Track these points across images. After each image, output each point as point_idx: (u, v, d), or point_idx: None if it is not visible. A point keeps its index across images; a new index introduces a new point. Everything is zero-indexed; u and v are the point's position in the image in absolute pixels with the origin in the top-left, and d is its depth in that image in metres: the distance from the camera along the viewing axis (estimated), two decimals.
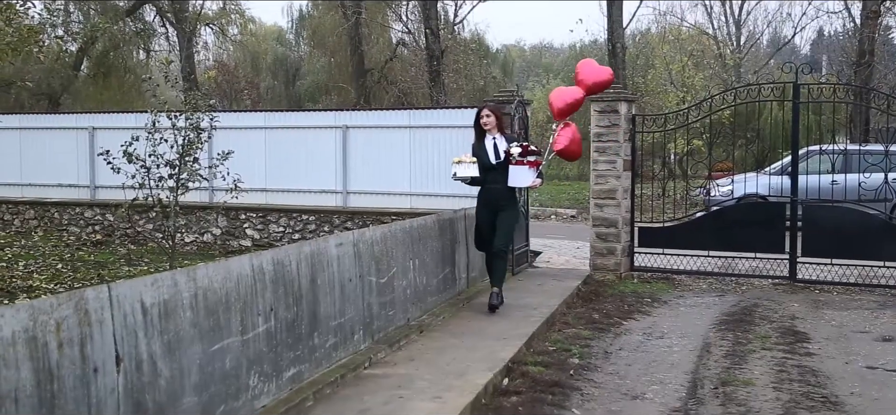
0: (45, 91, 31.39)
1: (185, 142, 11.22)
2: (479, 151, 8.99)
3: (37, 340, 3.71)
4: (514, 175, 8.87)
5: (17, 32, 10.63)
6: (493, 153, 8.96)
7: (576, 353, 7.84)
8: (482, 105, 9.24)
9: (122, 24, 33.80)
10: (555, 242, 16.10)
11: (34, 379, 3.68)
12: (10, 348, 3.56)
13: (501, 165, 8.90)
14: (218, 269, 5.10)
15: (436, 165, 13.81)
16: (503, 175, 8.90)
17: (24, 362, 3.63)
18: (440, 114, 14.49)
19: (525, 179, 8.90)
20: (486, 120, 9.02)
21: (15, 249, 14.08)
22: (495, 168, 8.91)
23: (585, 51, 41.29)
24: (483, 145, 9.03)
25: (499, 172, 8.91)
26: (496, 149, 8.97)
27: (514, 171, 8.85)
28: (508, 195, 9.06)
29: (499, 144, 8.99)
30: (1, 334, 3.53)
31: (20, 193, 17.37)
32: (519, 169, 8.84)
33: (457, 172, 8.82)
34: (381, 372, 6.63)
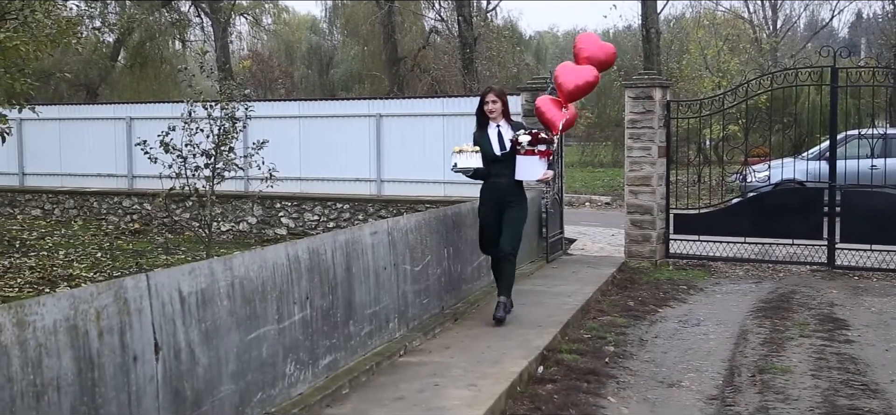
0: (84, 82, 31.78)
1: (221, 131, 11.32)
2: (481, 140, 7.95)
3: (78, 328, 3.77)
4: (521, 167, 7.82)
5: (57, 24, 10.77)
6: (497, 143, 7.90)
7: (611, 340, 7.81)
8: (486, 89, 8.21)
9: (158, 15, 34.11)
10: (589, 230, 16.03)
11: (75, 367, 3.73)
12: (51, 337, 3.62)
13: (507, 156, 7.84)
14: (254, 258, 5.14)
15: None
16: (509, 167, 7.85)
17: (66, 350, 3.69)
18: (473, 101, 14.38)
19: (534, 172, 7.84)
20: (491, 106, 7.94)
21: (55, 238, 14.29)
22: (501, 159, 7.86)
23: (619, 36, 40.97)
24: (486, 134, 7.98)
25: (504, 164, 7.86)
26: (501, 138, 7.91)
27: (521, 162, 7.80)
28: (516, 190, 8.00)
29: (504, 133, 7.93)
30: (43, 323, 3.59)
31: (60, 183, 17.62)
32: (528, 160, 7.77)
33: (457, 163, 7.80)
34: (416, 360, 6.66)
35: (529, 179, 7.99)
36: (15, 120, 11.80)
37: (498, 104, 7.92)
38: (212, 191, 11.51)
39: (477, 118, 8.12)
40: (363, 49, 38.59)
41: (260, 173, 11.80)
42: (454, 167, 7.84)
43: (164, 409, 4.25)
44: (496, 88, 8.22)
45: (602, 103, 35.95)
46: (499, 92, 8.08)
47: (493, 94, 8.02)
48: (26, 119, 14.02)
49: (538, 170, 7.82)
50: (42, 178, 17.87)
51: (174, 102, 16.01)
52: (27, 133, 17.56)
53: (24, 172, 18.03)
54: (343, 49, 42.78)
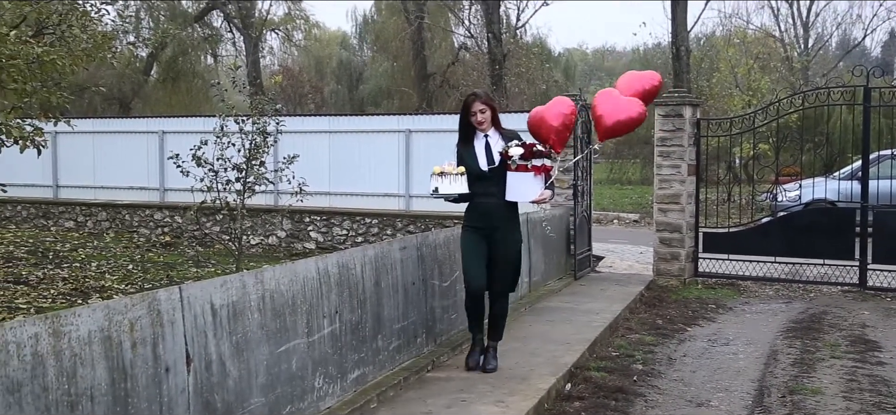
0: (117, 96, 32.20)
1: (252, 146, 11.42)
2: (465, 154, 6.66)
3: (112, 339, 3.83)
4: (513, 186, 6.54)
5: (92, 39, 10.93)
6: (484, 155, 6.62)
7: (639, 359, 7.78)
8: (472, 96, 6.78)
9: (191, 30, 34.55)
10: (617, 247, 15.98)
11: (109, 377, 3.79)
12: (86, 347, 3.68)
13: (496, 172, 6.55)
14: (284, 271, 5.19)
15: None
16: (499, 185, 6.56)
17: (100, 360, 3.75)
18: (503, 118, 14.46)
19: (529, 191, 6.52)
20: (480, 117, 6.64)
21: (88, 250, 14.46)
22: (488, 176, 6.55)
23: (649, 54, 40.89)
24: (470, 147, 6.69)
25: (493, 182, 6.56)
26: (489, 150, 6.64)
27: (513, 180, 6.52)
28: (507, 213, 6.69)
29: (493, 144, 6.66)
30: (78, 333, 3.65)
31: (93, 196, 17.84)
32: (519, 177, 6.49)
33: (438, 189, 6.44)
34: (444, 375, 6.67)
35: (522, 201, 6.67)
36: (50, 133, 11.96)
37: (487, 112, 6.66)
38: (242, 204, 11.61)
39: (460, 130, 6.78)
40: (392, 65, 38.77)
41: (290, 187, 11.89)
42: (433, 193, 6.47)
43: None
44: (483, 95, 6.84)
45: None
46: (487, 98, 6.78)
47: (480, 102, 6.67)
48: (61, 132, 14.23)
49: (533, 189, 6.50)
50: (75, 190, 18.10)
51: (206, 116, 16.17)
52: (62, 146, 17.81)
53: (58, 184, 18.28)
54: (373, 65, 42.99)
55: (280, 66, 43.68)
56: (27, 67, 9.80)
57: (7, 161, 10.53)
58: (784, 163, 14.81)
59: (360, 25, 45.20)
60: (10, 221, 18.14)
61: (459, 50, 36.68)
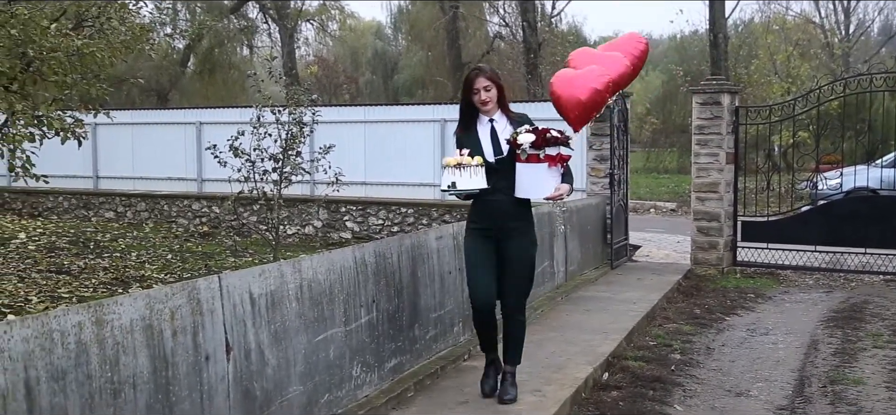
0: (154, 87, 32.54)
1: (289, 136, 11.48)
2: (466, 142, 5.59)
3: (153, 328, 3.87)
4: (523, 180, 5.50)
5: (131, 31, 11.04)
6: (490, 144, 5.59)
7: (677, 348, 7.73)
8: (475, 71, 5.73)
9: (227, 22, 34.79)
10: (654, 236, 15.88)
11: (151, 365, 3.83)
12: (128, 335, 3.72)
13: (505, 163, 5.53)
14: (322, 261, 5.21)
15: None
16: (508, 179, 5.53)
17: (142, 348, 3.79)
18: (539, 107, 14.41)
19: (542, 186, 5.46)
20: (484, 95, 5.57)
21: (128, 240, 14.64)
22: (495, 169, 5.52)
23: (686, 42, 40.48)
24: (473, 133, 5.64)
25: (501, 176, 5.52)
26: (495, 137, 5.60)
27: (523, 172, 5.48)
28: (518, 212, 5.63)
29: (500, 130, 5.62)
30: (120, 322, 3.69)
31: (132, 186, 18.04)
32: (531, 170, 5.45)
33: (456, 183, 5.36)
34: (481, 365, 6.65)
35: (535, 197, 5.59)
36: (90, 125, 12.12)
37: (492, 91, 5.59)
38: (279, 194, 11.68)
39: (461, 113, 5.75)
40: (427, 54, 38.78)
41: (326, 178, 11.94)
42: (449, 188, 5.39)
43: (235, 408, 4.34)
44: (488, 69, 5.78)
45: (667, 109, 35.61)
46: (492, 74, 5.68)
47: (484, 78, 5.60)
48: (101, 124, 14.38)
49: (547, 183, 5.45)
50: (115, 181, 18.31)
51: (242, 107, 16.27)
52: (101, 138, 18.02)
53: (98, 175, 18.50)
54: (407, 54, 43.04)
55: (315, 57, 43.87)
56: (68, 60, 9.92)
57: (48, 153, 10.66)
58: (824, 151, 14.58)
59: (394, 15, 45.28)
60: (52, 211, 18.40)
61: (494, 39, 36.60)
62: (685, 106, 30.09)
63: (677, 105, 33.63)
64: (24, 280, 10.50)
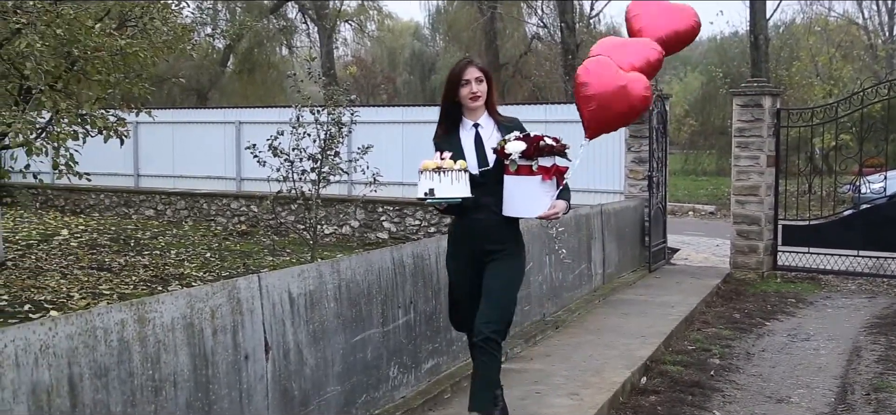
0: (194, 87, 32.87)
1: (327, 136, 11.54)
2: (448, 149, 4.75)
3: (194, 326, 3.90)
4: (513, 196, 4.68)
5: (173, 31, 11.17)
6: (473, 153, 4.78)
7: (716, 353, 7.65)
8: (464, 61, 4.87)
9: (266, 22, 35.04)
10: (693, 239, 15.74)
11: (191, 364, 3.87)
12: (169, 334, 3.76)
13: (492, 176, 4.73)
14: (360, 261, 5.23)
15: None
16: (495, 195, 4.73)
17: (182, 347, 3.83)
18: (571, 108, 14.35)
19: (535, 203, 4.67)
20: (476, 88, 4.76)
21: (167, 238, 14.80)
22: (480, 182, 4.70)
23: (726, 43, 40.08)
24: (455, 138, 4.85)
25: (487, 189, 4.72)
26: (480, 144, 4.80)
27: (513, 187, 4.67)
28: (505, 233, 4.81)
29: (485, 136, 4.82)
30: (162, 320, 3.73)
31: (172, 185, 18.23)
32: (521, 183, 4.64)
33: (434, 190, 4.53)
34: (518, 367, 6.65)
35: (526, 216, 4.80)
36: (131, 123, 12.26)
37: (483, 85, 4.79)
38: (317, 194, 11.74)
39: (443, 111, 4.94)
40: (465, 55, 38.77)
41: (364, 178, 11.98)
42: (426, 197, 4.58)
43: (273, 407, 4.37)
44: (478, 61, 4.92)
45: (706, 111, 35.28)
46: (482, 67, 4.85)
47: (475, 68, 4.79)
48: (142, 122, 14.55)
49: (540, 199, 4.65)
50: (155, 179, 18.52)
51: (281, 107, 16.38)
52: (142, 136, 18.24)
53: (139, 173, 18.72)
54: (445, 55, 43.04)
55: (353, 57, 44.04)
56: (111, 59, 10.06)
57: (91, 151, 10.83)
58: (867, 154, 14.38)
59: (432, 16, 45.29)
60: (94, 208, 18.65)
61: (532, 40, 36.52)
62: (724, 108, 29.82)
63: (716, 107, 33.31)
64: (67, 276, 10.65)
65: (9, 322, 7.97)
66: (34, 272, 10.83)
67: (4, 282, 10.02)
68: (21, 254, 12.28)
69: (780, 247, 12.12)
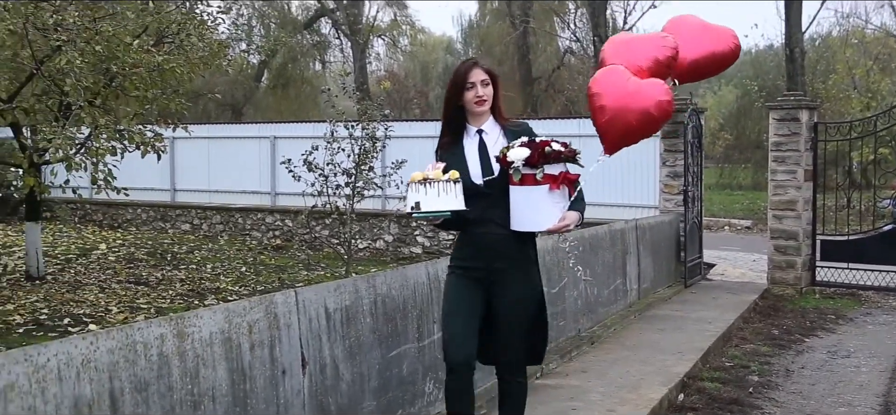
0: (229, 102, 33.18)
1: (361, 151, 11.58)
2: (450, 158, 4.33)
3: (231, 341, 3.93)
4: (519, 208, 4.22)
5: (208, 47, 11.30)
6: (477, 162, 4.33)
7: (755, 370, 7.55)
8: (469, 62, 4.42)
9: (300, 37, 35.32)
10: (729, 254, 15.59)
11: (229, 378, 3.89)
12: (208, 348, 3.78)
13: (498, 187, 4.25)
14: (396, 276, 5.23)
15: (601, 174, 13.63)
16: (502, 207, 4.24)
17: (220, 361, 3.85)
18: None
19: (542, 215, 4.19)
20: (482, 91, 4.30)
21: (203, 252, 14.91)
22: (487, 191, 4.28)
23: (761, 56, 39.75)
24: (459, 148, 4.38)
25: (492, 202, 4.26)
26: (484, 152, 4.34)
27: (519, 198, 4.21)
28: (514, 250, 4.32)
29: (490, 143, 4.36)
30: (200, 335, 3.75)
31: (208, 199, 18.38)
32: (528, 194, 4.17)
33: (421, 204, 4.07)
34: (553, 383, 6.61)
35: (533, 229, 4.28)
36: (168, 138, 12.39)
37: (489, 88, 4.35)
38: (351, 209, 11.78)
39: (446, 120, 4.46)
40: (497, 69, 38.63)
41: (398, 192, 12.00)
42: (413, 210, 4.12)
43: None
44: (484, 63, 4.44)
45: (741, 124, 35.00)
46: (488, 68, 4.40)
47: (480, 70, 4.34)
48: (178, 138, 14.71)
49: (548, 211, 4.18)
50: (191, 194, 18.67)
51: (315, 122, 16.47)
52: (178, 151, 18.41)
53: (175, 188, 18.90)
54: None
55: (386, 72, 44.19)
56: (148, 75, 10.19)
57: (128, 166, 10.97)
58: None
59: (465, 30, 45.34)
60: (131, 223, 18.86)
61: (565, 54, 36.47)
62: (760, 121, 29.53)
63: (752, 120, 33.02)
64: (105, 290, 10.76)
65: (49, 335, 8.06)
66: (73, 286, 10.96)
67: (44, 296, 10.15)
68: (60, 268, 12.44)
69: (818, 262, 11.96)
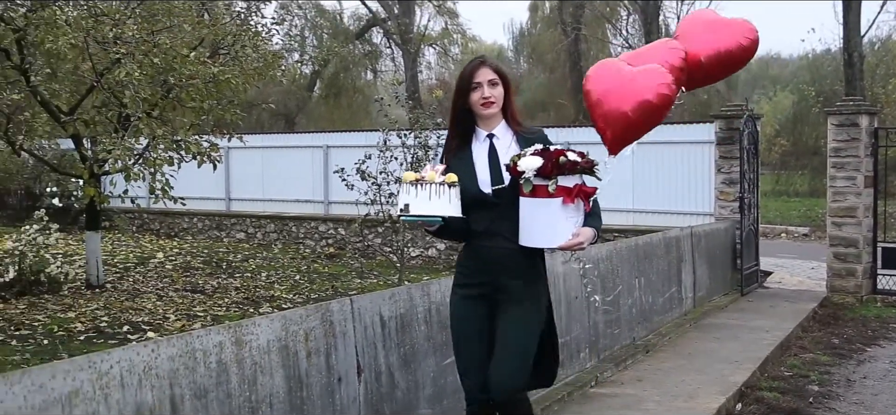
0: (283, 112, 33.54)
1: (414, 159, 11.62)
2: (457, 164, 3.99)
3: (288, 348, 3.96)
4: (528, 221, 3.86)
5: (263, 58, 11.44)
6: (486, 168, 3.98)
7: (815, 379, 7.41)
8: (477, 60, 4.08)
9: (352, 47, 35.61)
10: (786, 262, 15.33)
11: (286, 386, 3.92)
12: (265, 356, 3.82)
13: (507, 197, 3.91)
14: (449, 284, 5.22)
15: (655, 181, 13.53)
16: (511, 219, 3.90)
17: (278, 369, 3.88)
18: (662, 130, 14.10)
19: (554, 230, 3.82)
20: (489, 92, 3.96)
21: (258, 261, 15.07)
22: (495, 202, 3.95)
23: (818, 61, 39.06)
24: (466, 154, 4.04)
25: (502, 214, 3.93)
26: (494, 158, 3.99)
27: (529, 211, 3.85)
28: (523, 267, 3.95)
29: (501, 148, 4.00)
30: (258, 342, 3.79)
31: (262, 208, 18.58)
32: (539, 207, 3.82)
33: (410, 207, 3.76)
34: (608, 391, 6.56)
35: (543, 245, 3.91)
36: (223, 148, 12.56)
37: (498, 90, 4.00)
38: None
39: (453, 121, 4.14)
40: (548, 77, 38.67)
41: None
42: (400, 213, 3.84)
43: None
44: (492, 60, 4.18)
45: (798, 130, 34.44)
46: (497, 67, 4.07)
47: (489, 69, 4.01)
48: (232, 147, 14.89)
49: (560, 226, 3.81)
50: (245, 203, 18.90)
51: (367, 131, 16.56)
52: (233, 161, 18.64)
53: (230, 197, 19.14)
54: (528, 77, 43.01)
55: (437, 80, 44.30)
56: (204, 86, 10.35)
57: (185, 176, 11.15)
58: None
59: (516, 38, 45.31)
60: (187, 232, 19.14)
61: None
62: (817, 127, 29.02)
63: (809, 126, 32.46)
64: (162, 298, 10.93)
65: (108, 343, 8.21)
66: (132, 294, 11.16)
67: (104, 303, 10.34)
68: (119, 276, 12.67)
69: (879, 270, 11.70)
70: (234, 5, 13.44)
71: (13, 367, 7.17)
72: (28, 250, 10.58)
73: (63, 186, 18.27)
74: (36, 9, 9.74)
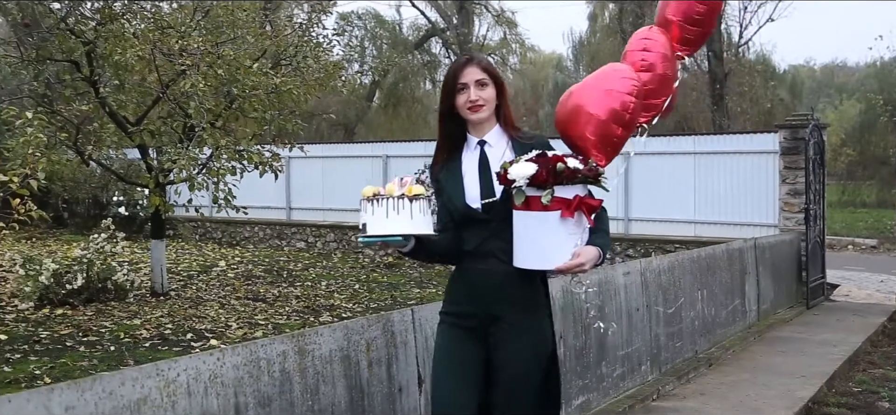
0: (342, 122, 33.85)
1: None
2: (445, 178, 3.57)
3: (350, 358, 3.98)
4: (522, 238, 3.35)
5: (324, 69, 11.57)
6: (476, 179, 3.48)
7: (885, 396, 7.22)
8: (464, 58, 3.53)
9: (411, 57, 35.81)
10: (853, 275, 14.98)
11: (347, 395, 3.94)
12: (327, 365, 3.85)
13: (500, 212, 3.40)
14: None
15: (720, 192, 13.33)
16: (504, 236, 3.40)
17: (339, 378, 3.91)
18: (725, 139, 14.00)
19: (552, 249, 3.28)
20: (475, 93, 3.42)
21: (318, 270, 15.21)
22: (487, 218, 3.44)
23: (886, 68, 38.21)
24: (455, 163, 3.55)
25: (495, 230, 3.42)
26: (485, 168, 3.48)
27: (522, 226, 3.34)
28: (519, 292, 3.43)
29: (493, 157, 3.48)
30: (320, 352, 3.82)
31: (322, 218, 18.76)
32: (534, 221, 3.30)
33: (367, 227, 3.28)
34: (670, 405, 6.47)
35: (539, 266, 3.33)
36: (284, 158, 12.71)
37: (488, 91, 3.46)
38: None
39: (442, 124, 3.60)
40: None
41: None
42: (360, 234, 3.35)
43: None
44: (482, 58, 3.58)
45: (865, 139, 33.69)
46: (488, 65, 3.50)
47: (477, 67, 3.47)
48: (293, 157, 15.06)
49: (559, 244, 3.28)
50: (306, 212, 19.09)
51: (426, 141, 16.62)
52: (294, 170, 18.84)
53: (290, 206, 19.35)
54: None
55: None
56: (267, 97, 10.49)
57: (246, 185, 11.30)
58: None
59: (575, 47, 45.13)
60: (249, 241, 19.40)
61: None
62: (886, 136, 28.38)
63: (876, 135, 31.74)
64: (224, 307, 11.08)
65: (173, 350, 8.35)
66: (195, 302, 11.33)
67: (168, 311, 10.52)
68: (183, 284, 12.88)
69: None
70: (295, 17, 13.61)
71: (82, 372, 7.33)
72: (95, 258, 10.81)
73: (129, 195, 18.67)
74: (105, 22, 9.98)
